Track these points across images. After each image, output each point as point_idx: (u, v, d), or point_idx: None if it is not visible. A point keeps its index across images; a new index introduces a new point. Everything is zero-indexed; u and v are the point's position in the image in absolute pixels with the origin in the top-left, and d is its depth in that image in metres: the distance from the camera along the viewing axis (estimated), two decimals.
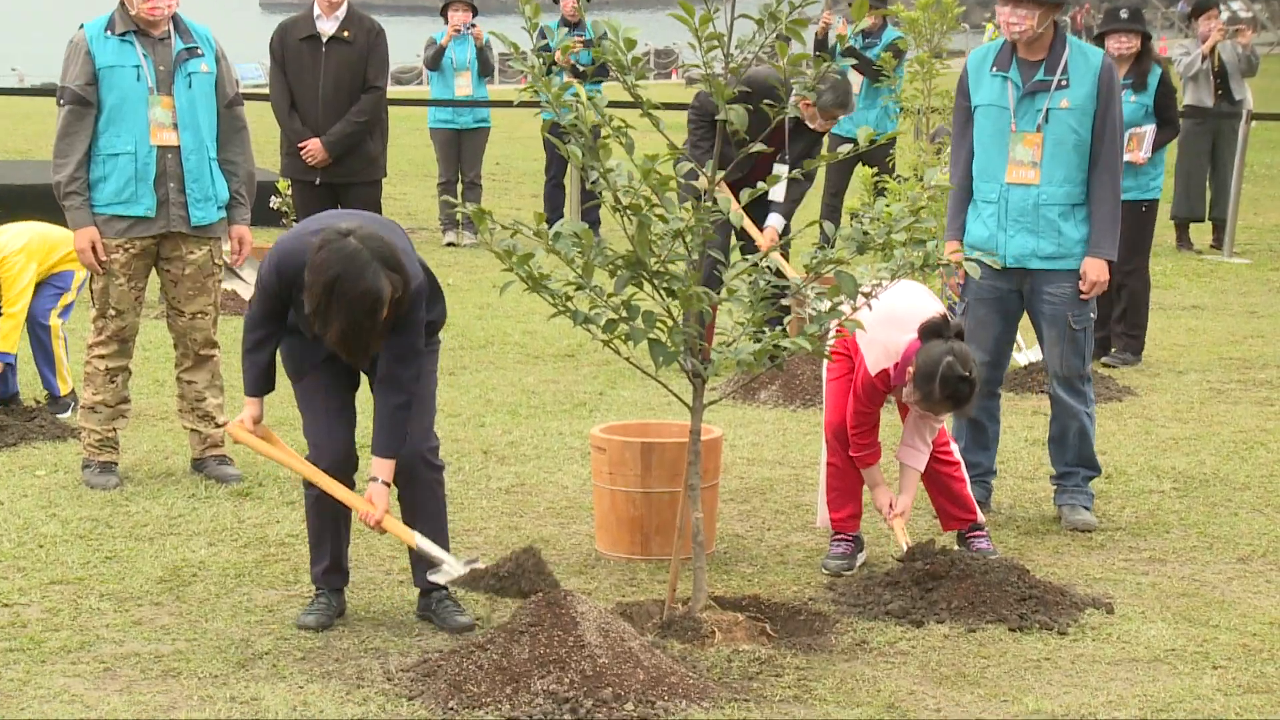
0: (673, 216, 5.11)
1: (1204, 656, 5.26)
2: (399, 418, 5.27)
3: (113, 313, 7.06)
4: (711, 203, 5.19)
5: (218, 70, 7.13)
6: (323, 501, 5.44)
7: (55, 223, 7.88)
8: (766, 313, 5.24)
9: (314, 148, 9.47)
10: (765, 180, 5.33)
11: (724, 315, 6.16)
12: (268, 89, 10.19)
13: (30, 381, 8.46)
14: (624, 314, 5.19)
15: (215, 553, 6.15)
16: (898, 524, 6.05)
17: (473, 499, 6.93)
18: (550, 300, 5.18)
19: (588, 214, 13.73)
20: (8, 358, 8.02)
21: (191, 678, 4.97)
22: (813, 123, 9.02)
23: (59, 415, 8.10)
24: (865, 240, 5.21)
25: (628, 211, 5.11)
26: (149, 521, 6.53)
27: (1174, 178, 14.42)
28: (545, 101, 5.13)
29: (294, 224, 7.98)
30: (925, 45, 9.99)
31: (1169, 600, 5.79)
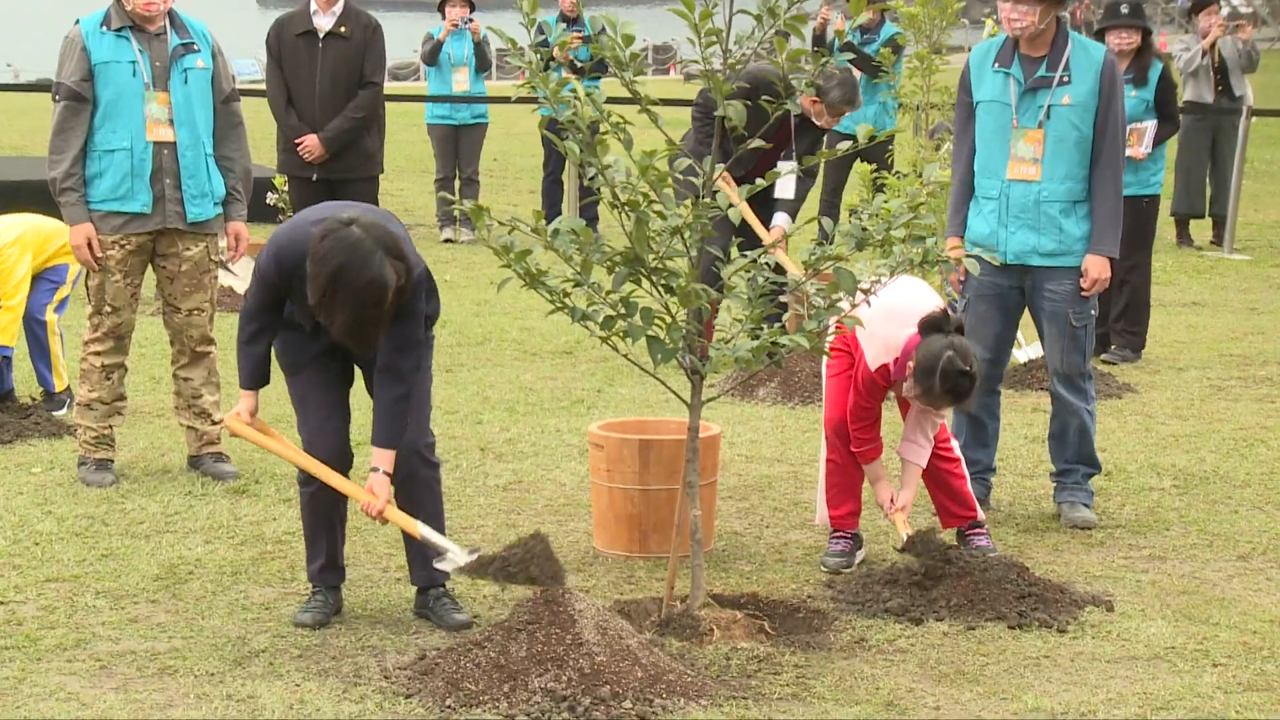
0: (671, 213, 5.09)
1: (1204, 654, 5.24)
2: (399, 408, 5.24)
3: (109, 309, 7.04)
4: (710, 199, 5.17)
5: (214, 66, 7.10)
6: (318, 499, 5.41)
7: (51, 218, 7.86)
8: (765, 309, 5.22)
9: (311, 144, 9.44)
10: (764, 177, 5.31)
11: (723, 312, 6.14)
12: (264, 85, 10.15)
13: (26, 378, 8.44)
14: (622, 311, 5.17)
15: (211, 550, 6.13)
16: (899, 519, 6.04)
17: (470, 496, 6.91)
18: (548, 297, 5.16)
19: (586, 210, 13.68)
20: (6, 351, 8.00)
21: (188, 675, 4.95)
22: (819, 120, 8.97)
23: (55, 412, 8.07)
24: (864, 236, 5.20)
25: (626, 208, 5.10)
26: (145, 519, 6.51)
27: (1174, 174, 14.40)
28: (543, 97, 5.11)
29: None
30: (925, 41, 9.96)
31: (1169, 598, 5.77)
